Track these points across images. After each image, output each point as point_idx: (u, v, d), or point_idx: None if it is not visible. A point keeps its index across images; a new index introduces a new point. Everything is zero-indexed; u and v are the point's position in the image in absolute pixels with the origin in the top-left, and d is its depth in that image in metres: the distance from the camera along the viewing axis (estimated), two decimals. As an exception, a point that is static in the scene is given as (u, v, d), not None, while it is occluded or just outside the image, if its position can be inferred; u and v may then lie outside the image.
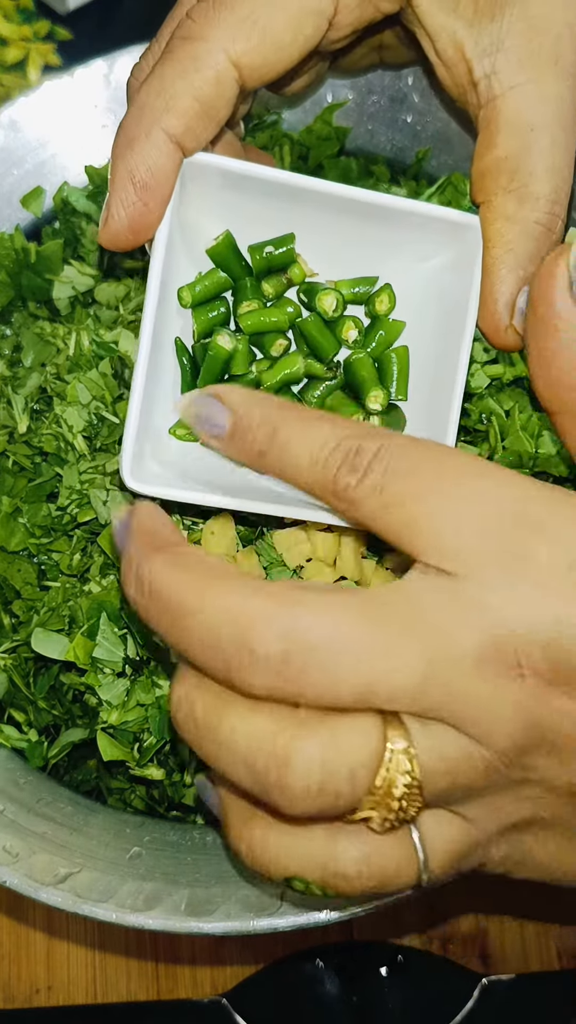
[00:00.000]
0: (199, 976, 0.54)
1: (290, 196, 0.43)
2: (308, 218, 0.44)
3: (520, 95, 0.42)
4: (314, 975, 0.53)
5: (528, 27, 0.42)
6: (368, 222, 0.44)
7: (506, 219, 0.42)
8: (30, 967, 0.55)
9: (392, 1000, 0.53)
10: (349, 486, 0.35)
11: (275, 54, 0.41)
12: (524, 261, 0.42)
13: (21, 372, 0.51)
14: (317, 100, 0.56)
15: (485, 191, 0.43)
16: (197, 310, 0.45)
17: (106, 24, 0.78)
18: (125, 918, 0.41)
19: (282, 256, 0.45)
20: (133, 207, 0.40)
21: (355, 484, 0.35)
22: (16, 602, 0.48)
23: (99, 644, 0.45)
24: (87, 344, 0.50)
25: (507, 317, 0.43)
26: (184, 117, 0.40)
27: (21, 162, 0.57)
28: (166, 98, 0.40)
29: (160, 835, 0.46)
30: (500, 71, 0.42)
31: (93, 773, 0.49)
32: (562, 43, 0.42)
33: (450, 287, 0.44)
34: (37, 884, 0.42)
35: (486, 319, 0.43)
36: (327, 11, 0.42)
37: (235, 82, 0.41)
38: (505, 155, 0.42)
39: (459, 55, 0.43)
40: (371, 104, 0.56)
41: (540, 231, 0.42)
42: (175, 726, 0.35)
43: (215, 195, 0.43)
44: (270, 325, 0.45)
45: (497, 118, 0.43)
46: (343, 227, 0.44)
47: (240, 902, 0.42)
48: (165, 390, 0.44)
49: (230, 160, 0.42)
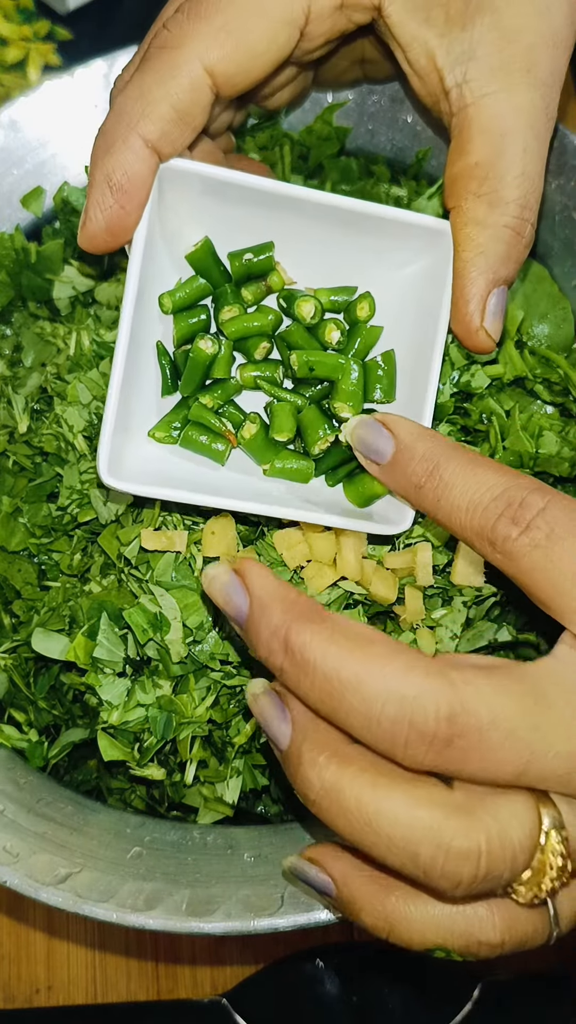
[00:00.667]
0: (199, 976, 0.54)
1: (269, 203, 0.43)
2: (288, 225, 0.44)
3: (492, 103, 0.43)
4: (314, 975, 0.53)
5: (500, 36, 0.43)
6: (346, 229, 0.44)
7: (476, 223, 0.43)
8: (30, 967, 0.55)
9: (392, 1000, 0.53)
10: (508, 538, 0.35)
11: (249, 62, 0.42)
12: (495, 264, 0.43)
13: (21, 372, 0.51)
14: (317, 100, 0.56)
15: (456, 196, 0.43)
16: (178, 316, 0.45)
17: (106, 24, 0.78)
18: (125, 918, 0.41)
19: (261, 263, 0.45)
20: (110, 210, 0.41)
21: (515, 537, 0.35)
22: (16, 602, 0.48)
23: (99, 644, 0.45)
24: (87, 344, 0.50)
25: (478, 319, 0.43)
26: (160, 123, 0.41)
27: (21, 162, 0.57)
28: (143, 104, 0.41)
29: (160, 835, 0.46)
30: (472, 79, 0.43)
31: (93, 773, 0.49)
32: (535, 52, 0.43)
33: (425, 293, 0.45)
34: (37, 884, 0.42)
35: (458, 322, 0.44)
36: (299, 21, 0.43)
37: (210, 89, 0.42)
38: (476, 161, 0.43)
39: (431, 64, 0.44)
40: (371, 104, 0.56)
41: (510, 235, 0.43)
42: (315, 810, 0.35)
43: (195, 201, 0.44)
44: (253, 330, 0.45)
45: (469, 125, 0.43)
46: (322, 234, 0.45)
47: (240, 902, 0.42)
48: (144, 393, 0.45)
49: (207, 166, 0.43)
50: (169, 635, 0.44)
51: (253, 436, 0.45)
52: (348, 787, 0.34)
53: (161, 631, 0.44)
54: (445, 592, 0.45)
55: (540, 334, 0.49)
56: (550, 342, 0.49)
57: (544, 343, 0.49)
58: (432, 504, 0.38)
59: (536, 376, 0.48)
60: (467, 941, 0.35)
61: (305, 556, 0.45)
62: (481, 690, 0.33)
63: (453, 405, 0.47)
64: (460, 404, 0.47)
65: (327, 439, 0.45)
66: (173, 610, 0.44)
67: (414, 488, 0.38)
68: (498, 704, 0.33)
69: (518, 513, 0.35)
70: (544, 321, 0.49)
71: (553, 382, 0.48)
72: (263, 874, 0.43)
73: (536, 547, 0.35)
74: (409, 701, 0.33)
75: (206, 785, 0.46)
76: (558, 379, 0.48)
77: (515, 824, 0.33)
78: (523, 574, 0.35)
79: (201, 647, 0.45)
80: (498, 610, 0.47)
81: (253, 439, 0.45)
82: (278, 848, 0.45)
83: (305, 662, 0.34)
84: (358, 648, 0.34)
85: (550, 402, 0.48)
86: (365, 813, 0.33)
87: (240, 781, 0.46)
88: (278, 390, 0.46)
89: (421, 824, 0.33)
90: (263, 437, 0.45)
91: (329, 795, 0.34)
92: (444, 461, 0.37)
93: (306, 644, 0.34)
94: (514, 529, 0.35)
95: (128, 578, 0.46)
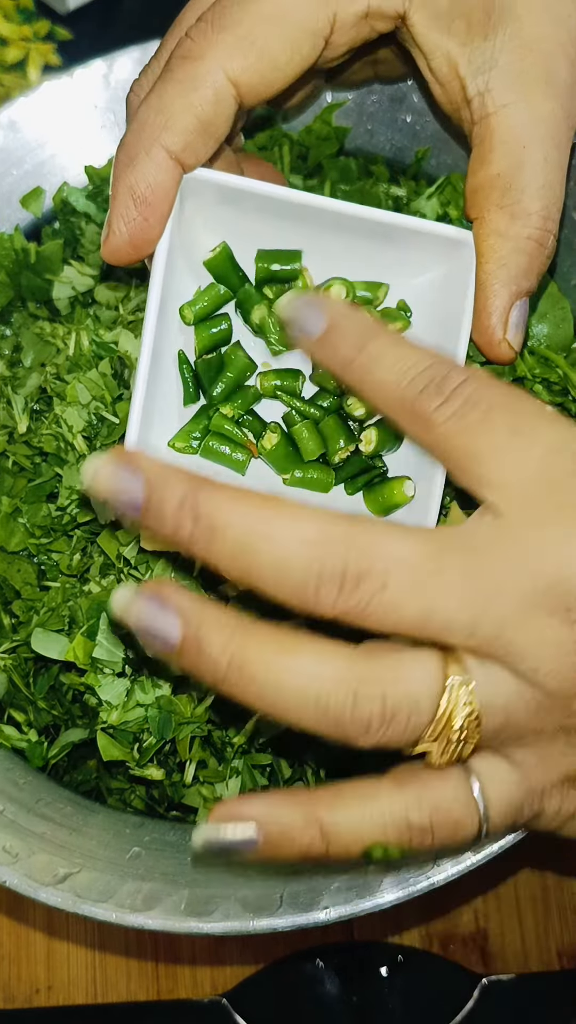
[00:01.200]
0: (199, 976, 0.54)
1: (288, 212, 0.43)
2: (306, 233, 0.44)
3: (513, 113, 0.43)
4: (314, 975, 0.53)
5: (521, 46, 0.43)
6: (365, 238, 0.44)
7: (499, 235, 0.43)
8: (30, 967, 0.55)
9: (392, 1000, 0.53)
10: (429, 408, 0.36)
11: (272, 73, 0.42)
12: (517, 276, 0.43)
13: (21, 372, 0.51)
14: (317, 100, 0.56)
15: (478, 207, 0.44)
16: (199, 326, 0.45)
17: (106, 24, 0.78)
18: (125, 918, 0.41)
19: (287, 272, 0.45)
20: (134, 223, 0.42)
21: (435, 408, 0.36)
22: (16, 602, 0.48)
23: (99, 644, 0.45)
24: (87, 344, 0.50)
25: (500, 331, 0.44)
26: (183, 135, 0.41)
27: (21, 162, 0.57)
28: (166, 116, 0.41)
29: (160, 835, 0.46)
30: (493, 89, 0.43)
31: (93, 773, 0.49)
32: (555, 61, 0.43)
33: (444, 302, 0.45)
34: (37, 884, 0.42)
35: (480, 333, 0.44)
36: (324, 31, 0.43)
37: (233, 100, 0.42)
38: (498, 172, 0.43)
39: (453, 73, 0.44)
40: (371, 104, 0.56)
41: (532, 246, 0.43)
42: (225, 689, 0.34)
43: (213, 210, 0.44)
44: None
45: (491, 136, 0.43)
46: (341, 243, 0.45)
47: (240, 902, 0.42)
48: (164, 405, 0.44)
49: (228, 176, 0.43)
50: (168, 635, 0.44)
51: (274, 446, 0.45)
52: (255, 655, 0.34)
53: (160, 631, 0.44)
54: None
55: (539, 334, 0.49)
56: (549, 342, 0.49)
57: (543, 343, 0.49)
58: (359, 379, 0.38)
59: (535, 376, 0.48)
60: (398, 828, 0.35)
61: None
62: (387, 534, 0.34)
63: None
64: (459, 404, 0.47)
65: (347, 449, 0.45)
66: (172, 610, 0.44)
67: (344, 362, 0.38)
68: (403, 548, 0.34)
69: (441, 385, 0.36)
70: (543, 321, 0.49)
71: (552, 382, 0.48)
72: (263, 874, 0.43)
73: (455, 415, 0.35)
74: (319, 546, 0.33)
75: (205, 785, 0.46)
76: (557, 379, 0.48)
77: (418, 671, 0.34)
78: (440, 444, 0.36)
79: (200, 647, 0.45)
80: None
81: (274, 449, 0.45)
82: (277, 848, 0.45)
83: (216, 526, 0.34)
84: (267, 503, 0.34)
85: (549, 402, 0.48)
86: (275, 676, 0.34)
87: (240, 781, 0.46)
88: (297, 402, 0.46)
89: (329, 675, 0.34)
90: (283, 447, 0.45)
91: (239, 669, 0.34)
92: (373, 338, 0.37)
93: (218, 507, 0.34)
94: (436, 400, 0.36)
95: (127, 578, 0.46)
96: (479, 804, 0.36)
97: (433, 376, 0.36)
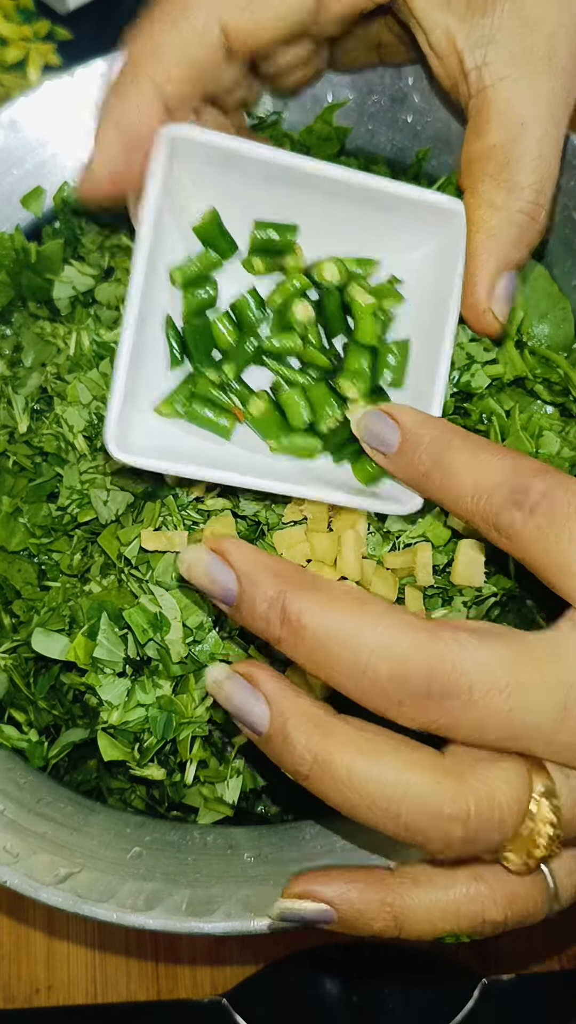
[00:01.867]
0: (199, 976, 0.54)
1: (281, 176, 0.43)
2: (298, 199, 0.44)
3: (512, 87, 0.43)
4: (314, 975, 0.53)
5: (521, 25, 0.43)
6: (358, 206, 0.44)
7: (490, 206, 0.43)
8: (30, 967, 0.55)
9: (392, 1000, 0.53)
10: (510, 523, 0.35)
11: (264, 21, 0.43)
12: (506, 247, 0.43)
13: (21, 372, 0.51)
14: (317, 100, 0.56)
15: (471, 178, 0.44)
16: (187, 290, 0.45)
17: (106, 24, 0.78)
18: (125, 918, 0.41)
19: (281, 243, 0.45)
20: (116, 158, 0.42)
21: (517, 523, 0.35)
22: (16, 602, 0.48)
23: (99, 644, 0.45)
24: (87, 344, 0.50)
25: (486, 301, 0.43)
26: (170, 66, 0.42)
27: (21, 162, 0.57)
28: (152, 46, 0.42)
29: (160, 835, 0.46)
30: (491, 62, 0.43)
31: (93, 773, 0.49)
32: (556, 41, 0.43)
33: (437, 273, 0.45)
34: (37, 884, 0.42)
35: (467, 303, 0.44)
36: None
37: (221, 44, 0.42)
38: (493, 143, 0.43)
39: (451, 47, 0.45)
40: (371, 104, 0.56)
41: (523, 219, 0.43)
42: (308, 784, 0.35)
43: (202, 172, 0.43)
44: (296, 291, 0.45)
45: (487, 107, 0.43)
46: (333, 211, 0.44)
47: (240, 902, 0.42)
48: (150, 368, 0.44)
49: (218, 135, 0.42)
50: (169, 635, 0.44)
51: (261, 413, 0.45)
52: (338, 757, 0.34)
53: (161, 631, 0.44)
54: (445, 592, 0.45)
55: (540, 334, 0.49)
56: (550, 342, 0.49)
57: (544, 343, 0.49)
58: (438, 491, 0.38)
59: (536, 376, 0.48)
60: (472, 920, 0.35)
61: (305, 556, 0.45)
62: (472, 649, 0.33)
63: (453, 405, 0.47)
64: (460, 404, 0.47)
65: (335, 417, 0.45)
66: (173, 610, 0.44)
67: (420, 476, 0.38)
68: (488, 663, 0.33)
69: (521, 498, 0.35)
70: (544, 321, 0.49)
71: (553, 382, 0.48)
72: (263, 874, 0.43)
73: (538, 529, 0.35)
74: (400, 657, 0.33)
75: (206, 785, 0.46)
76: (558, 379, 0.48)
77: (504, 787, 0.34)
78: (528, 557, 0.36)
79: (201, 647, 0.45)
80: (498, 610, 0.47)
81: (261, 416, 0.45)
82: (278, 848, 0.45)
83: (303, 627, 0.34)
84: (354, 607, 0.34)
85: (550, 402, 0.48)
86: (358, 781, 0.33)
87: (240, 781, 0.46)
88: (286, 369, 0.45)
89: (414, 790, 0.33)
90: (271, 414, 0.45)
91: (321, 767, 0.34)
92: (448, 448, 0.38)
93: (303, 610, 0.34)
94: (517, 514, 0.35)
95: (128, 578, 0.46)
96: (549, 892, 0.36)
97: (514, 489, 0.36)
